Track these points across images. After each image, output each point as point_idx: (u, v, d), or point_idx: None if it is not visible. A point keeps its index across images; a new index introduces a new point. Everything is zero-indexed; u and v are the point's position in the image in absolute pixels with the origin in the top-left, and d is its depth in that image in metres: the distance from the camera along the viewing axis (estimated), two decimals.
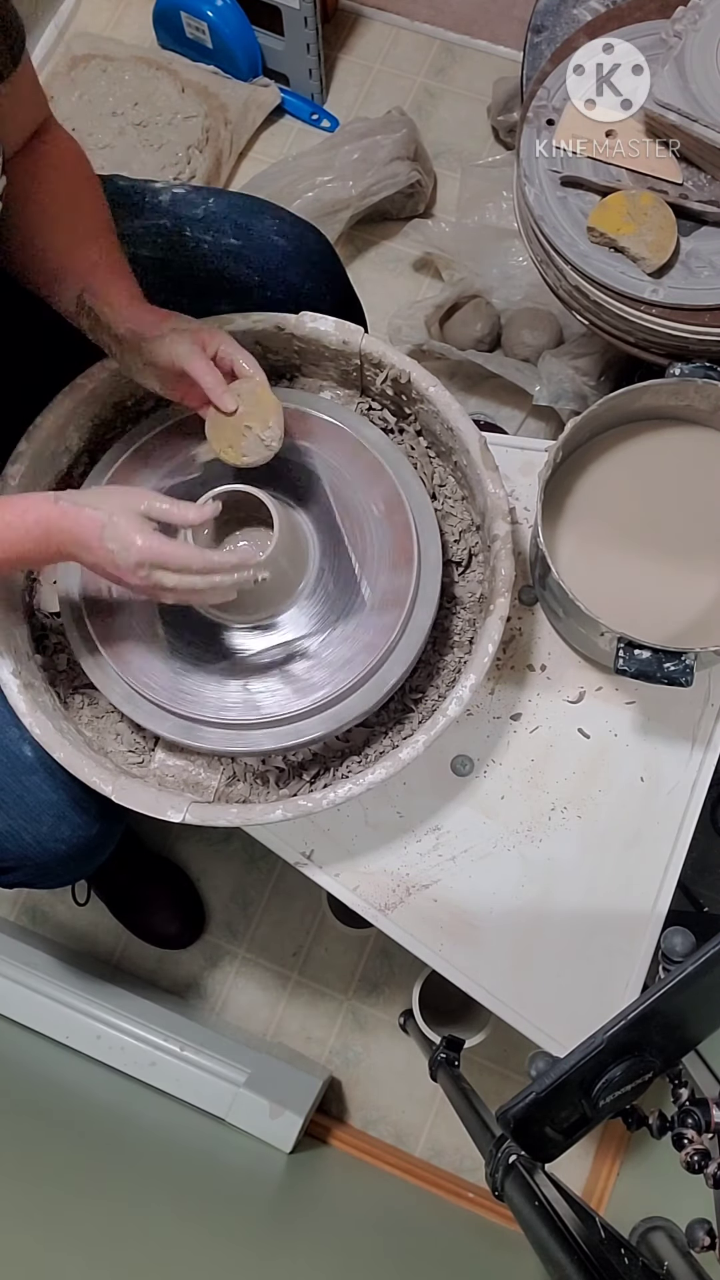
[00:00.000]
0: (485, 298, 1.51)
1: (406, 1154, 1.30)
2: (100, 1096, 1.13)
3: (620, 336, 0.97)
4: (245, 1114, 1.13)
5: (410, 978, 1.25)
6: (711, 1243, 0.53)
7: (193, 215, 0.93)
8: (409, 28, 1.79)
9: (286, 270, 0.95)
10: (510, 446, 0.98)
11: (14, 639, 0.82)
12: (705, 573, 0.87)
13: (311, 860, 0.89)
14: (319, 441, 0.87)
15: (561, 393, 1.35)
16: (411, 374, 0.86)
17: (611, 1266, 0.49)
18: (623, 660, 0.78)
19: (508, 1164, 0.58)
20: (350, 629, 0.81)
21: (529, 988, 0.86)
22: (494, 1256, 1.12)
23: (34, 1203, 0.80)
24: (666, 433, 0.91)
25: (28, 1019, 1.15)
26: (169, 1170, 1.00)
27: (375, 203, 1.57)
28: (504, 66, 1.73)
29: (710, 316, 0.90)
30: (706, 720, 0.90)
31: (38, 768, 0.81)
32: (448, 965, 0.87)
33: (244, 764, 0.85)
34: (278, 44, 1.67)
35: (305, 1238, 0.99)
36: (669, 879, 0.88)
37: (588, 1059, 0.55)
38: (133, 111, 1.63)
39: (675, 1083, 0.61)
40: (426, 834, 0.89)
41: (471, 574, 0.91)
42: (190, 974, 1.37)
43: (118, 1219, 0.85)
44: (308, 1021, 1.35)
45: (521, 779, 0.90)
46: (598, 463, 0.91)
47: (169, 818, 0.75)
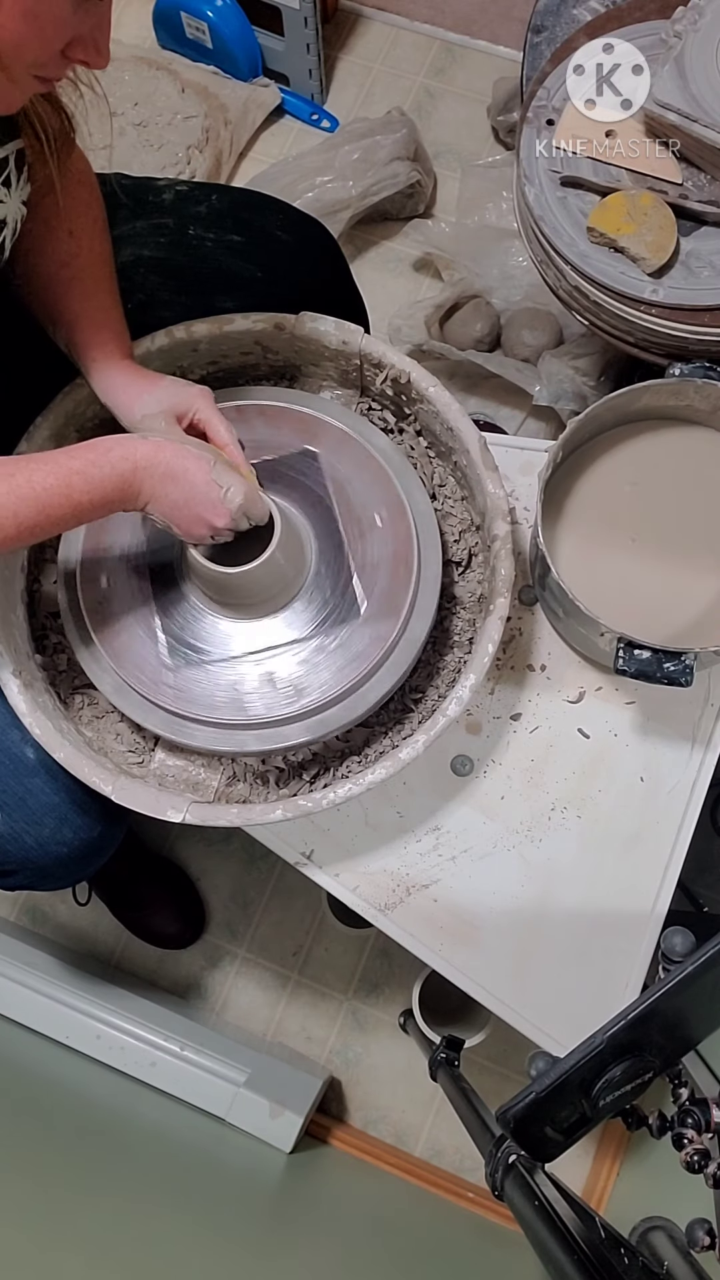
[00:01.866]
0: (485, 298, 1.51)
1: (406, 1154, 1.30)
2: (100, 1096, 1.13)
3: (620, 336, 0.97)
4: (245, 1114, 1.13)
5: (410, 978, 1.25)
6: (711, 1243, 0.53)
7: (195, 213, 0.93)
8: (409, 28, 1.79)
9: (290, 265, 0.95)
10: (510, 446, 0.98)
11: (14, 639, 0.82)
12: (705, 573, 0.87)
13: (311, 860, 0.89)
14: (319, 443, 0.87)
15: (561, 393, 1.35)
16: (411, 374, 0.86)
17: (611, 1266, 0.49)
18: (623, 660, 0.78)
19: (508, 1164, 0.58)
20: (345, 635, 0.81)
21: (529, 988, 0.86)
22: (494, 1256, 1.12)
23: (34, 1203, 0.80)
24: (666, 433, 0.91)
25: (28, 1019, 1.15)
26: (169, 1170, 1.00)
27: (375, 203, 1.57)
28: (504, 66, 1.73)
29: (710, 316, 0.90)
30: (706, 720, 0.90)
31: (39, 770, 0.81)
32: (448, 965, 0.87)
33: (244, 764, 0.85)
34: (278, 44, 1.67)
35: (305, 1238, 0.99)
36: (669, 879, 0.88)
37: (588, 1059, 0.55)
38: (132, 111, 1.64)
39: (675, 1083, 0.61)
40: (426, 834, 0.89)
41: (471, 574, 0.91)
42: (190, 974, 1.37)
43: (118, 1219, 0.85)
44: (308, 1021, 1.35)
45: (521, 779, 0.90)
46: (598, 463, 0.91)
47: (169, 818, 0.75)
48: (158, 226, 0.92)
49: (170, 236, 0.92)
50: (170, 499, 0.71)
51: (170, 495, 0.71)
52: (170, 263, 0.92)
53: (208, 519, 0.73)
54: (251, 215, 0.95)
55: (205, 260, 0.92)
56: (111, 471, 0.69)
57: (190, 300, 0.91)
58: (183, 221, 0.93)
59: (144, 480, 0.70)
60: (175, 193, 0.94)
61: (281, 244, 0.95)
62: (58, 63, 0.60)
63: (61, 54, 0.59)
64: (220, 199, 0.95)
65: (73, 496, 0.67)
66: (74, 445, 0.70)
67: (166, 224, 0.93)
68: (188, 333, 0.87)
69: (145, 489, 0.71)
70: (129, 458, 0.69)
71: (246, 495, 0.73)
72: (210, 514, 0.72)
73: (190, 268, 0.92)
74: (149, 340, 0.87)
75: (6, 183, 0.70)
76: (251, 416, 0.87)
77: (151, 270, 0.91)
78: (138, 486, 0.70)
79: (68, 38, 0.58)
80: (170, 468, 0.70)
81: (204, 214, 0.93)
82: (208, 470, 0.71)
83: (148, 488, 0.70)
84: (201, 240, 0.93)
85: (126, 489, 0.70)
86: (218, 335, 0.88)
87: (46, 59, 0.59)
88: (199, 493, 0.71)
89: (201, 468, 0.71)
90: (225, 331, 0.88)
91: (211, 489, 0.71)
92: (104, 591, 0.83)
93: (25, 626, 0.86)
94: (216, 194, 0.95)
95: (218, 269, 0.92)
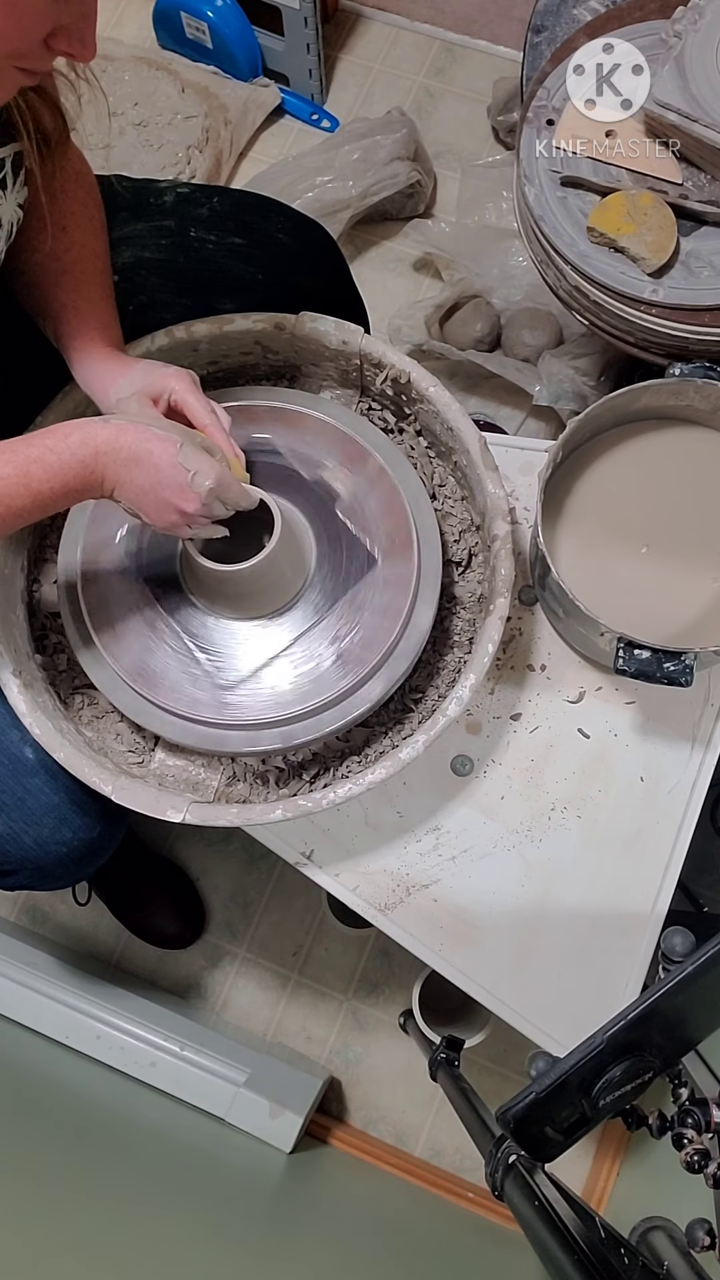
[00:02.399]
0: (485, 298, 1.51)
1: (406, 1154, 1.30)
2: (100, 1096, 1.13)
3: (620, 336, 0.97)
4: (245, 1114, 1.13)
5: (410, 978, 1.25)
6: (711, 1243, 0.53)
7: (197, 215, 0.93)
8: (409, 28, 1.79)
9: (291, 268, 0.95)
10: (510, 446, 0.98)
11: (14, 639, 0.82)
12: (705, 573, 0.87)
13: (311, 860, 0.89)
14: (318, 443, 0.87)
15: (561, 393, 1.35)
16: (411, 374, 0.86)
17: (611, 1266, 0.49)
18: (623, 660, 0.78)
19: (508, 1164, 0.58)
20: (343, 637, 0.81)
21: (529, 988, 0.86)
22: (494, 1256, 1.12)
23: (34, 1203, 0.80)
24: (666, 433, 0.91)
25: (28, 1019, 1.15)
26: (169, 1170, 1.00)
27: (375, 203, 1.57)
28: (504, 66, 1.73)
29: (710, 316, 0.90)
30: (706, 720, 0.90)
31: (39, 770, 0.81)
32: (448, 965, 0.87)
33: (244, 764, 0.85)
34: (278, 44, 1.67)
35: (305, 1238, 0.99)
36: (669, 879, 0.88)
37: (588, 1059, 0.55)
38: (132, 111, 1.64)
39: (675, 1083, 0.61)
40: (426, 834, 0.89)
41: (471, 574, 0.91)
42: (190, 974, 1.37)
43: (117, 1219, 0.85)
44: (308, 1021, 1.35)
45: (521, 779, 0.90)
46: (598, 463, 0.91)
47: (169, 818, 0.75)
48: (159, 229, 0.92)
49: (172, 239, 0.92)
50: (135, 484, 0.68)
51: (135, 480, 0.68)
52: (171, 264, 0.92)
53: (176, 504, 0.68)
54: (253, 218, 0.95)
55: (206, 262, 0.92)
56: (71, 458, 0.66)
57: (191, 302, 0.91)
58: (184, 224, 0.93)
59: (106, 466, 0.67)
60: (176, 195, 0.94)
61: (282, 247, 0.95)
62: (40, 54, 0.58)
63: (45, 45, 0.58)
64: (221, 201, 0.95)
65: (32, 485, 0.65)
66: (33, 433, 0.67)
67: (168, 226, 0.93)
68: (188, 333, 0.87)
69: (109, 475, 0.67)
70: (88, 443, 0.66)
71: (218, 479, 0.68)
72: (178, 499, 0.68)
73: (191, 270, 0.92)
74: (149, 340, 0.87)
75: (3, 185, 0.70)
76: (251, 416, 0.87)
77: (153, 272, 0.91)
78: (100, 472, 0.67)
79: (48, 28, 0.57)
80: (134, 451, 0.67)
81: (205, 216, 0.93)
82: (174, 452, 0.67)
83: (111, 473, 0.67)
84: (203, 242, 0.93)
85: (88, 475, 0.67)
86: (218, 335, 0.88)
87: (27, 49, 0.57)
88: (164, 476, 0.67)
89: (167, 450, 0.67)
90: (225, 331, 0.88)
91: (178, 472, 0.67)
92: (104, 591, 0.83)
93: (25, 626, 0.86)
94: (218, 196, 0.95)
95: (219, 271, 0.93)
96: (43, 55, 0.59)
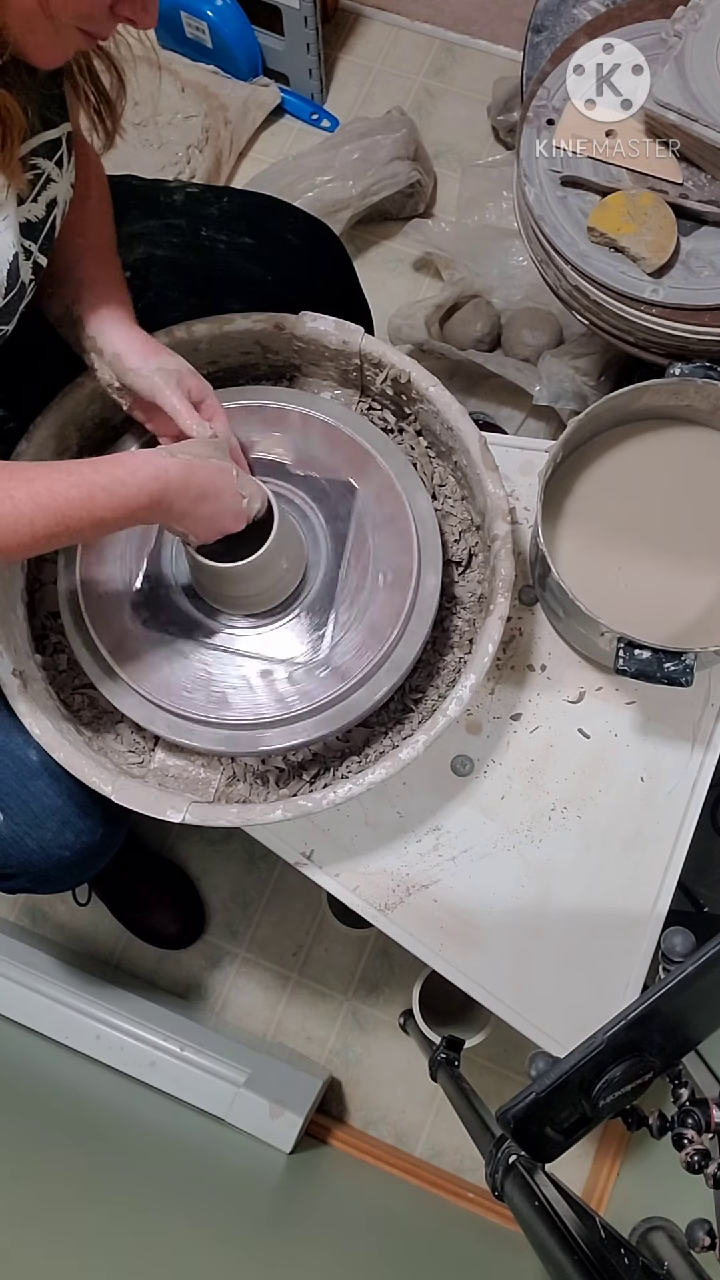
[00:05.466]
0: (485, 298, 1.51)
1: (406, 1154, 1.30)
2: (100, 1096, 1.13)
3: (620, 336, 0.97)
4: (245, 1114, 1.13)
5: (410, 978, 1.24)
6: (711, 1243, 0.53)
7: (207, 214, 0.94)
8: (409, 28, 1.79)
9: (300, 268, 0.95)
10: (510, 446, 0.98)
11: (14, 639, 0.82)
12: (705, 573, 0.87)
13: (311, 860, 0.89)
14: (318, 443, 0.87)
15: (561, 393, 1.35)
16: (411, 374, 0.86)
17: (611, 1266, 0.49)
18: (623, 660, 0.78)
19: (508, 1164, 0.58)
20: (343, 637, 0.81)
21: (529, 988, 0.86)
22: (494, 1256, 1.12)
23: (34, 1203, 0.80)
24: (666, 433, 0.91)
25: (28, 1019, 1.15)
26: (169, 1170, 1.00)
27: (375, 203, 1.57)
28: (504, 66, 1.73)
29: (710, 316, 0.90)
30: (706, 720, 0.90)
31: (42, 772, 0.81)
32: (448, 965, 0.87)
33: (244, 764, 0.85)
34: (278, 44, 1.67)
35: (305, 1238, 0.99)
36: (669, 879, 0.88)
37: (588, 1059, 0.55)
38: (132, 111, 1.64)
39: (675, 1083, 0.61)
40: (426, 834, 0.89)
41: (471, 574, 0.91)
42: (190, 974, 1.37)
43: (117, 1219, 0.85)
44: (308, 1021, 1.35)
45: (521, 779, 0.90)
46: (598, 463, 0.91)
47: (169, 818, 0.75)
48: (170, 226, 0.92)
49: (183, 237, 0.92)
50: (200, 516, 0.73)
51: (201, 513, 0.72)
52: (182, 263, 0.92)
53: (227, 526, 0.75)
54: (263, 218, 0.95)
55: (217, 262, 0.93)
56: (140, 491, 0.68)
57: (199, 301, 0.91)
58: (195, 223, 0.93)
59: (175, 500, 0.70)
60: (186, 194, 0.94)
61: (292, 248, 0.95)
62: (105, 18, 0.60)
63: (110, 10, 0.60)
64: (231, 201, 0.95)
65: (96, 512, 0.66)
66: (97, 459, 0.69)
67: (179, 225, 0.93)
68: (188, 332, 0.87)
69: (178, 508, 0.70)
70: (159, 478, 0.68)
71: (263, 499, 0.76)
72: (231, 524, 0.75)
73: (202, 269, 0.92)
74: None
75: (60, 162, 0.70)
76: (251, 416, 0.87)
77: (163, 269, 0.91)
78: (168, 505, 0.70)
79: None
80: (203, 488, 0.71)
81: (216, 216, 0.94)
82: (234, 484, 0.73)
83: (179, 507, 0.70)
84: (214, 242, 0.93)
85: (156, 508, 0.69)
86: (218, 335, 0.88)
87: (94, 12, 0.59)
88: (225, 506, 0.73)
89: (230, 484, 0.73)
90: (225, 331, 0.88)
91: (236, 500, 0.74)
92: (104, 591, 0.83)
93: (25, 626, 0.86)
94: (226, 196, 0.95)
95: (229, 271, 0.93)
96: (107, 20, 0.61)
